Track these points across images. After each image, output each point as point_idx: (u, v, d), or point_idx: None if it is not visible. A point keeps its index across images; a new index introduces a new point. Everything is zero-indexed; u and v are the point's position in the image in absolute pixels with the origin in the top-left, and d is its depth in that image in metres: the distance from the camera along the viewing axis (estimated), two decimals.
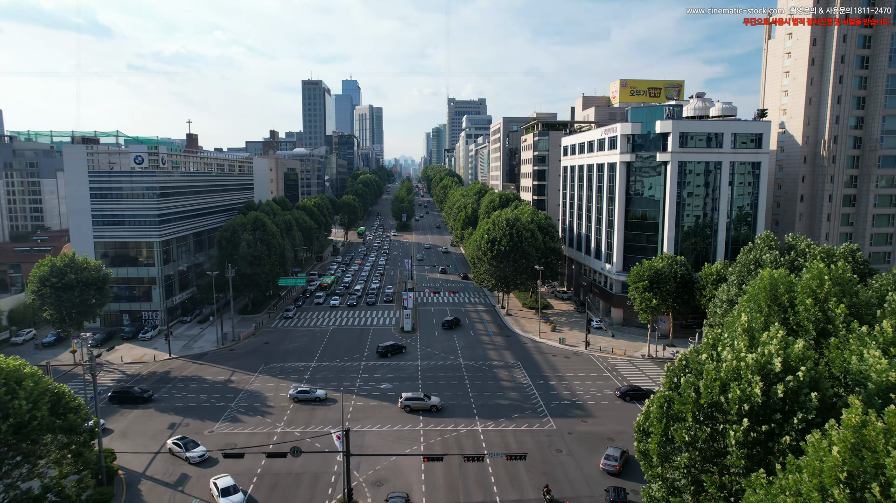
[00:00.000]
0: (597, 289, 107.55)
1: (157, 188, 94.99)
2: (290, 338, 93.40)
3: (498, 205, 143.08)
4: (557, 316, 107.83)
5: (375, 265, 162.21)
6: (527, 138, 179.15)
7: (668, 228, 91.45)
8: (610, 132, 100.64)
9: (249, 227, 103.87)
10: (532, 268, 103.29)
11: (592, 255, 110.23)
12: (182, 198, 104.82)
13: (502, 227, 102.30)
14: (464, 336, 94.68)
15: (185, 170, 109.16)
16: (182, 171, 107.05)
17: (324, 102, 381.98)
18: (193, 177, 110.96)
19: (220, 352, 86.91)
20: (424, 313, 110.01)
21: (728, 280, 70.25)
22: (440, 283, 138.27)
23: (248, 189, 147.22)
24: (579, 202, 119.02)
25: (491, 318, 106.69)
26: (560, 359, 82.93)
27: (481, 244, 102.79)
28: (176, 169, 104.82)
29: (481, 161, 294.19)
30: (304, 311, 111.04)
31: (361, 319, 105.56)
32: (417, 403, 64.03)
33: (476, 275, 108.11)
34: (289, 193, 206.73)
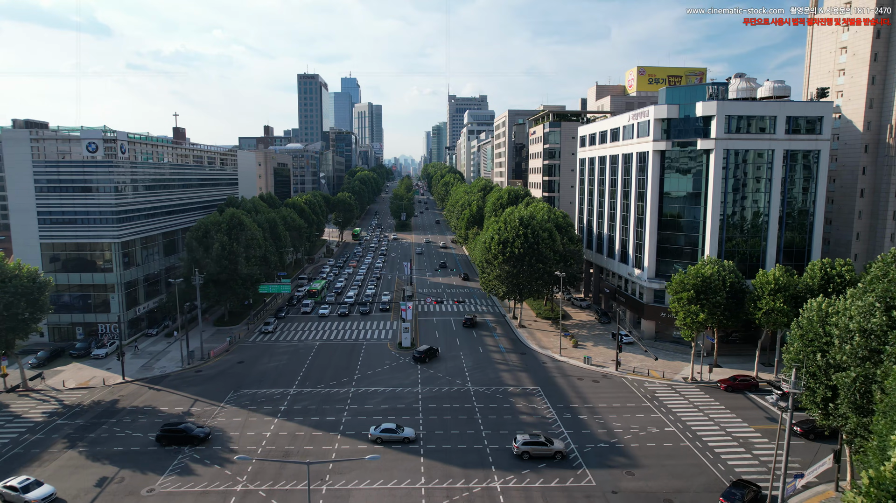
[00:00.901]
0: (622, 297, 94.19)
1: (115, 181, 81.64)
2: (269, 356, 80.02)
3: (506, 202, 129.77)
4: (577, 328, 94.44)
5: (371, 268, 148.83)
6: (536, 130, 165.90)
7: (711, 228, 78.13)
8: (639, 117, 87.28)
9: (224, 227, 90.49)
10: (549, 273, 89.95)
11: (617, 259, 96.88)
12: (149, 192, 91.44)
13: (515, 226, 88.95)
14: (472, 353, 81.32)
15: (154, 161, 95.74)
16: (151, 162, 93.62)
17: (320, 98, 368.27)
18: (163, 169, 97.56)
19: (184, 374, 73.52)
20: (426, 324, 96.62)
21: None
22: (442, 289, 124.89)
23: (231, 184, 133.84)
24: (600, 198, 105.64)
25: (502, 331, 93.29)
26: (587, 384, 69.57)
27: (491, 246, 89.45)
28: (144, 161, 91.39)
29: (484, 157, 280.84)
30: (289, 322, 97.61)
31: (353, 332, 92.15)
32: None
33: (484, 282, 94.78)
34: (280, 190, 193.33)
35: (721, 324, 70.67)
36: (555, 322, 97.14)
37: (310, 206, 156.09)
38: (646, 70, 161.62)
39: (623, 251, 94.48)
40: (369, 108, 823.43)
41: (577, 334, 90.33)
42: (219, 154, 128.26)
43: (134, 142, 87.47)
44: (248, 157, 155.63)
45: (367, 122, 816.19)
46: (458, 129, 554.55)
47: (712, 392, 67.37)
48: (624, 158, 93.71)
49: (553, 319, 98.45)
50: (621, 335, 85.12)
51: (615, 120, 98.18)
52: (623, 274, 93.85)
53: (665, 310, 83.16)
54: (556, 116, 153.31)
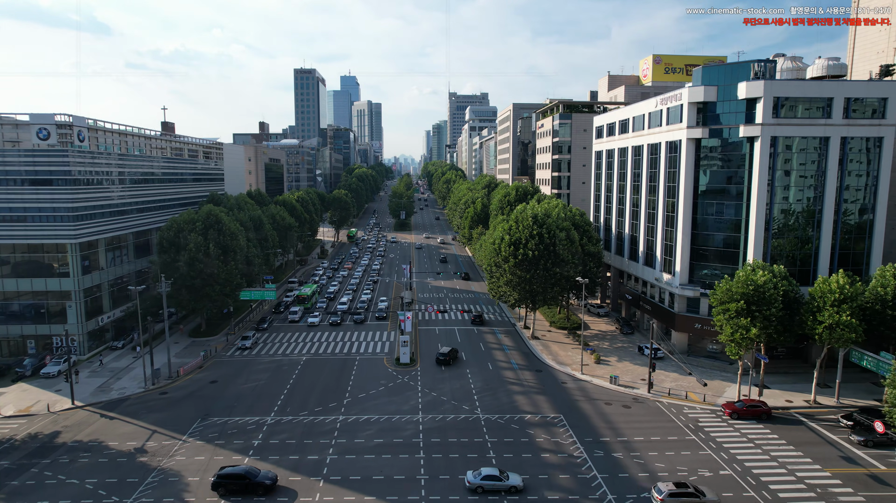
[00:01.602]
0: (647, 304, 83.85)
1: (71, 172, 71.29)
2: (248, 374, 69.67)
3: (514, 199, 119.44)
4: (597, 339, 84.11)
5: (368, 270, 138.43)
6: (544, 123, 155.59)
7: (756, 227, 67.78)
8: (669, 101, 76.95)
9: (199, 225, 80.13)
10: (567, 278, 79.67)
11: (640, 262, 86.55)
12: (115, 187, 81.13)
13: (528, 225, 78.59)
14: (480, 371, 70.96)
15: (123, 152, 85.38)
16: (118, 152, 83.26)
17: (318, 93, 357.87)
18: (133, 160, 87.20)
19: (146, 396, 63.16)
20: (427, 336, 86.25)
21: None
22: (444, 293, 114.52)
23: (216, 180, 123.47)
24: (620, 195, 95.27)
25: (513, 343, 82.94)
26: (617, 411, 59.22)
27: (500, 248, 79.10)
28: (108, 151, 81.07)
29: (487, 154, 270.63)
30: (273, 333, 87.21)
31: (345, 345, 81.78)
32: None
33: (493, 287, 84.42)
34: (273, 188, 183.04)
35: (771, 340, 60.30)
36: (571, 332, 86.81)
37: (302, 204, 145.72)
38: (662, 59, 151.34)
39: (648, 253, 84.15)
40: (368, 107, 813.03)
41: (597, 347, 80.00)
42: (202, 147, 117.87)
43: (95, 129, 77.11)
44: (235, 152, 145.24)
45: (366, 121, 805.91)
46: (459, 127, 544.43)
47: (766, 420, 57.01)
48: (650, 149, 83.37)
49: (569, 329, 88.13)
50: (651, 349, 74.77)
51: (639, 106, 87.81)
52: (648, 279, 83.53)
53: (700, 321, 72.86)
54: (567, 108, 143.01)
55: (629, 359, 75.76)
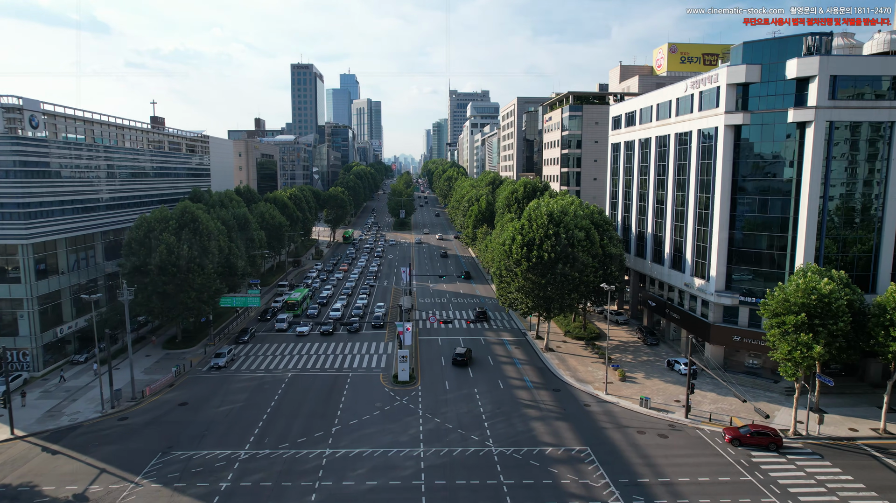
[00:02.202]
0: (674, 312, 74.94)
1: (20, 163, 62.36)
2: (224, 394, 60.77)
3: (522, 196, 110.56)
4: (619, 351, 75.21)
5: (365, 273, 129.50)
6: (552, 116, 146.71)
7: (807, 226, 58.89)
8: (703, 84, 68.04)
9: (173, 225, 71.20)
10: (587, 283, 70.86)
11: (666, 265, 77.66)
12: (77, 181, 72.27)
13: (542, 223, 69.67)
14: (490, 390, 62.04)
15: (89, 142, 76.49)
16: (80, 141, 74.39)
17: (315, 89, 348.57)
18: (100, 152, 78.32)
19: (102, 423, 54.25)
20: (428, 347, 77.35)
21: None
22: (447, 298, 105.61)
23: (201, 176, 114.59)
24: (641, 190, 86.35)
25: (525, 356, 74.01)
26: (653, 441, 50.33)
27: (512, 249, 70.17)
28: (68, 141, 72.21)
29: (489, 151, 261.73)
30: (257, 345, 78.26)
31: (337, 358, 72.84)
32: None
33: (503, 294, 75.50)
34: (264, 185, 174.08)
35: (833, 358, 51.41)
36: (589, 343, 77.90)
37: (295, 202, 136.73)
38: (678, 47, 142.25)
39: (676, 255, 75.25)
40: (368, 105, 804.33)
41: (620, 361, 71.11)
42: (185, 139, 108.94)
43: (53, 115, 68.17)
44: (224, 147, 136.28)
45: (365, 119, 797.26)
46: (460, 125, 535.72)
47: (831, 454, 48.18)
48: (678, 139, 74.48)
49: (587, 340, 79.23)
50: (688, 368, 66.03)
51: (664, 92, 78.91)
52: (676, 284, 74.64)
53: (739, 333, 63.98)
54: (578, 99, 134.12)
55: (658, 375, 66.86)
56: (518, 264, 69.43)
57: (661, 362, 71.24)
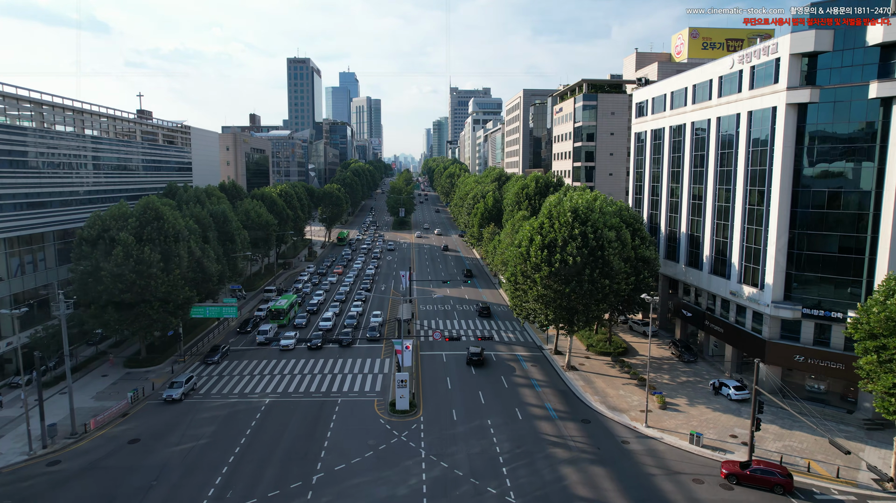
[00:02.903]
0: (717, 325, 64.48)
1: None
2: (186, 427, 50.39)
3: (534, 192, 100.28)
4: (652, 370, 64.74)
5: (361, 276, 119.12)
6: (563, 107, 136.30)
7: (894, 224, 48.51)
8: (756, 56, 57.67)
9: (133, 223, 60.80)
10: (618, 292, 60.56)
11: (705, 270, 67.26)
12: (18, 172, 61.91)
13: (566, 222, 59.22)
14: (507, 422, 51.62)
15: (38, 126, 66.10)
16: (25, 126, 64.01)
17: (312, 84, 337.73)
18: (51, 140, 67.92)
19: (26, 470, 43.83)
20: (431, 365, 66.97)
21: None
22: (452, 305, 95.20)
23: (181, 170, 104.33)
24: (673, 184, 75.96)
25: (545, 377, 63.57)
26: (717, 496, 39.88)
27: (530, 252, 59.73)
28: (6, 124, 61.85)
29: (492, 147, 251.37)
30: (233, 362, 67.79)
31: (325, 379, 62.42)
32: None
33: (518, 304, 65.02)
34: (255, 181, 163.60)
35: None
36: (616, 360, 67.55)
37: (285, 199, 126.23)
38: (699, 32, 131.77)
39: (719, 259, 64.82)
40: (368, 103, 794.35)
41: (655, 382, 60.72)
42: (161, 129, 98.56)
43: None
44: (208, 139, 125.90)
45: (365, 117, 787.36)
46: (460, 123, 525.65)
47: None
48: (721, 124, 64.10)
49: (613, 355, 68.88)
50: (730, 388, 55.88)
51: (703, 70, 68.54)
52: (718, 292, 64.25)
53: (803, 352, 53.59)
54: (592, 87, 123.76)
55: (703, 401, 56.48)
56: (537, 269, 58.99)
57: (704, 384, 60.84)
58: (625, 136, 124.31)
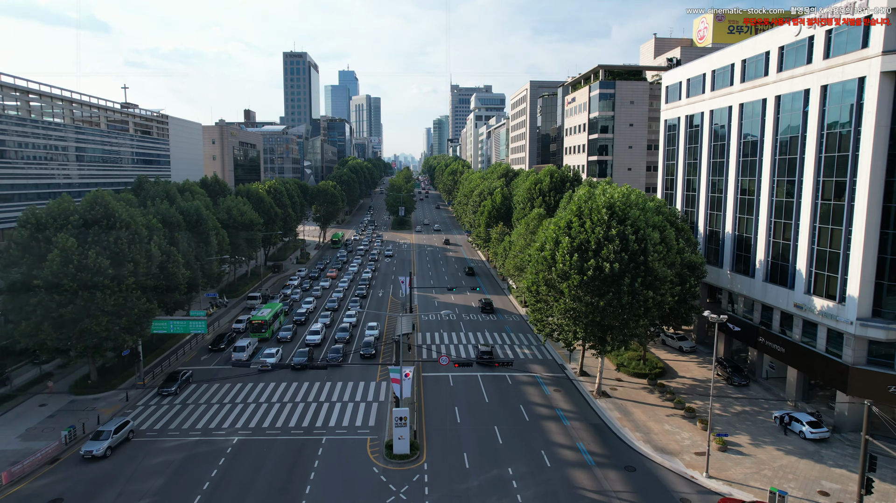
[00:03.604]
0: (776, 343, 53.99)
1: None
2: (127, 479, 39.96)
3: (549, 187, 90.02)
4: (698, 396, 54.30)
5: (356, 280, 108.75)
6: (576, 97, 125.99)
7: None
8: (835, 17, 47.23)
9: (76, 221, 50.41)
10: (661, 304, 50.15)
11: (759, 277, 56.85)
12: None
13: (600, 220, 48.77)
14: (532, 470, 41.11)
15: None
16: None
17: (309, 80, 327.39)
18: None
19: None
20: (435, 390, 56.51)
21: None
22: (458, 314, 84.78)
23: (158, 164, 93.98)
24: (714, 177, 65.56)
25: (572, 406, 53.09)
26: None
27: (556, 257, 49.31)
28: None
29: (496, 143, 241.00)
30: (201, 388, 57.37)
31: (308, 409, 51.99)
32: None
33: (539, 318, 54.53)
34: (245, 178, 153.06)
35: None
36: (653, 383, 57.14)
37: (274, 196, 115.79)
38: (725, 15, 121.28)
39: (778, 264, 54.39)
40: (367, 101, 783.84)
41: (705, 412, 50.27)
42: (133, 117, 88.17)
43: None
44: (189, 131, 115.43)
45: (364, 116, 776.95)
46: (462, 120, 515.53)
47: None
48: (782, 103, 53.69)
49: (649, 377, 58.40)
50: (803, 424, 45.60)
51: (755, 42, 58.13)
52: (777, 304, 53.85)
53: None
54: (610, 74, 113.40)
55: (768, 438, 46.04)
56: (565, 278, 48.56)
57: (765, 415, 50.37)
58: (645, 127, 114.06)
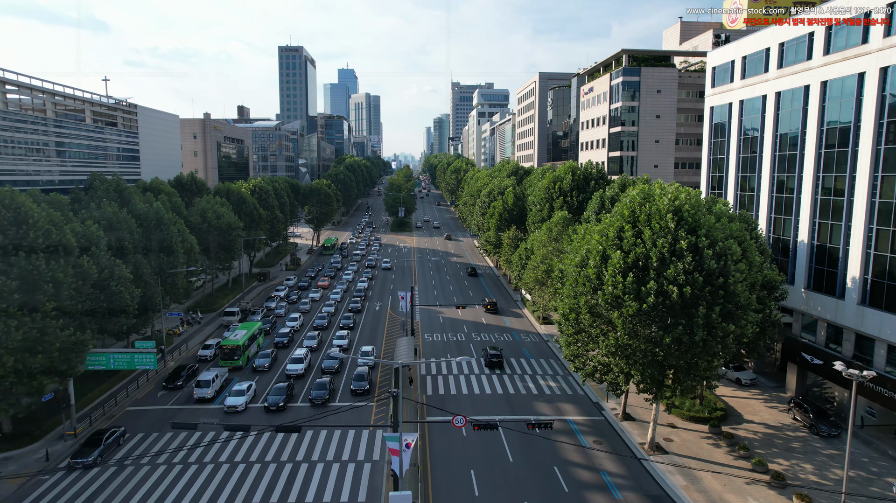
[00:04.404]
0: (884, 386, 42.10)
1: None
2: None
3: (570, 187, 78.47)
4: (779, 450, 42.43)
5: (350, 291, 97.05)
6: (594, 86, 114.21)
7: None
8: None
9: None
10: (740, 338, 38.34)
11: (852, 299, 45.03)
12: None
13: (665, 227, 36.84)
14: None
15: None
16: None
17: (305, 75, 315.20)
18: None
19: None
20: (444, 445, 44.65)
21: None
22: (466, 333, 72.99)
23: (121, 158, 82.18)
24: (781, 174, 53.76)
25: (620, 467, 41.13)
26: None
27: (604, 276, 37.47)
28: None
29: (501, 141, 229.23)
30: (140, 446, 45.60)
31: (280, 477, 39.95)
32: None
33: (577, 354, 42.74)
34: (233, 177, 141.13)
35: None
36: (716, 431, 45.36)
37: (259, 196, 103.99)
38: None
39: (884, 285, 42.55)
40: (367, 99, 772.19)
41: (797, 478, 38.41)
42: (91, 105, 76.40)
43: None
44: (165, 123, 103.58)
45: (364, 114, 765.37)
46: (463, 119, 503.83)
47: None
48: (890, 77, 41.86)
49: (710, 422, 46.51)
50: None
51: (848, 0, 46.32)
52: (879, 334, 42.09)
53: None
54: (635, 60, 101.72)
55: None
56: (616, 304, 36.77)
57: (879, 483, 38.50)
58: (673, 119, 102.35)
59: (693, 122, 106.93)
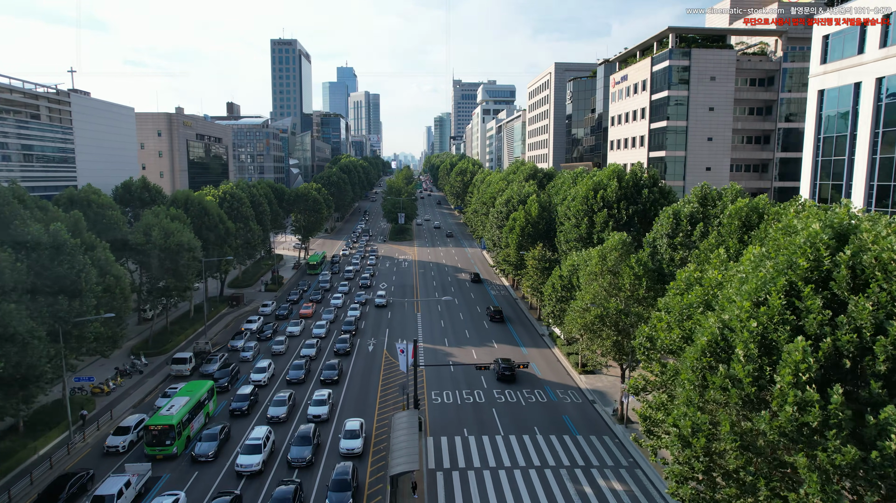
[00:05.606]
0: None
1: None
2: None
3: (616, 196, 61.20)
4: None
5: (338, 321, 79.57)
6: (628, 74, 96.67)
7: None
8: None
9: None
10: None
11: None
12: None
13: (892, 290, 19.33)
14: None
15: None
16: None
17: (300, 70, 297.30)
18: None
19: None
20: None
21: None
22: (486, 390, 55.50)
23: (55, 160, 64.85)
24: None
25: None
26: None
27: (772, 388, 19.88)
28: None
29: (509, 139, 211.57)
30: None
31: None
32: None
33: (679, 476, 25.18)
34: (209, 180, 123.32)
35: None
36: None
37: (230, 205, 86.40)
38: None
39: None
40: (366, 98, 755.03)
41: None
42: (9, 90, 58.91)
43: None
44: (115, 118, 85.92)
45: (363, 113, 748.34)
46: (465, 117, 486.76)
47: None
48: None
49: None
50: None
51: None
52: None
53: None
54: (683, 41, 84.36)
55: None
56: (798, 437, 19.22)
57: None
58: (729, 112, 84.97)
59: (751, 115, 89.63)
